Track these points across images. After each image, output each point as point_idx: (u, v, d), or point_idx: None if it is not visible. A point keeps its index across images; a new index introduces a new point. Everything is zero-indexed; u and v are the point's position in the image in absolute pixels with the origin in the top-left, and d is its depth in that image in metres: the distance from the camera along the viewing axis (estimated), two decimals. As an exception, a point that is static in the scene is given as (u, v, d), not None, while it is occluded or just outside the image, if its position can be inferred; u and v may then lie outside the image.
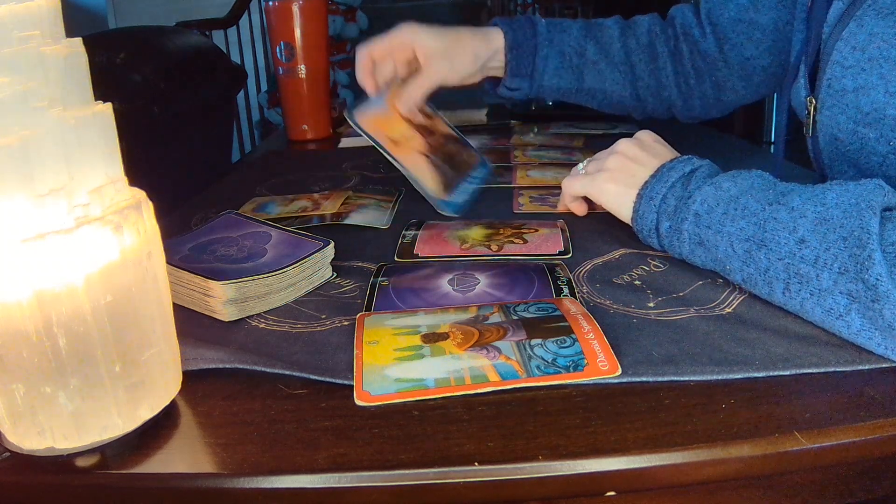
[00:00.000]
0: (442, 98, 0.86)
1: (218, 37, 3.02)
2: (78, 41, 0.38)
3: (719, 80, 0.84)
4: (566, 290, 0.54)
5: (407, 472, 0.37)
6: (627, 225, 0.62)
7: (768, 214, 0.49)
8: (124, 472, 0.38)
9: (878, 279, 0.42)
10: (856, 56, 0.57)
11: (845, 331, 0.45)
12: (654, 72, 0.85)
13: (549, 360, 0.44)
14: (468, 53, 0.80)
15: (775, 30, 0.78)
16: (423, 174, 0.76)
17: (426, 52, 0.79)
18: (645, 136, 0.65)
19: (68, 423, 0.37)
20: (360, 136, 0.76)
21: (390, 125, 0.79)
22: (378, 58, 0.82)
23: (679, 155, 0.62)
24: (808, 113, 0.64)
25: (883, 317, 0.42)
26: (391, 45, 0.80)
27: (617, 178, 0.62)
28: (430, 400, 0.42)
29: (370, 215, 0.74)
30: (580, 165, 0.70)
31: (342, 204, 0.77)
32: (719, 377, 0.42)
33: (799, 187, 0.51)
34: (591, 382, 0.43)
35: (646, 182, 0.60)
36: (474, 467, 0.36)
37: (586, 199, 0.71)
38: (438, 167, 0.78)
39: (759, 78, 0.83)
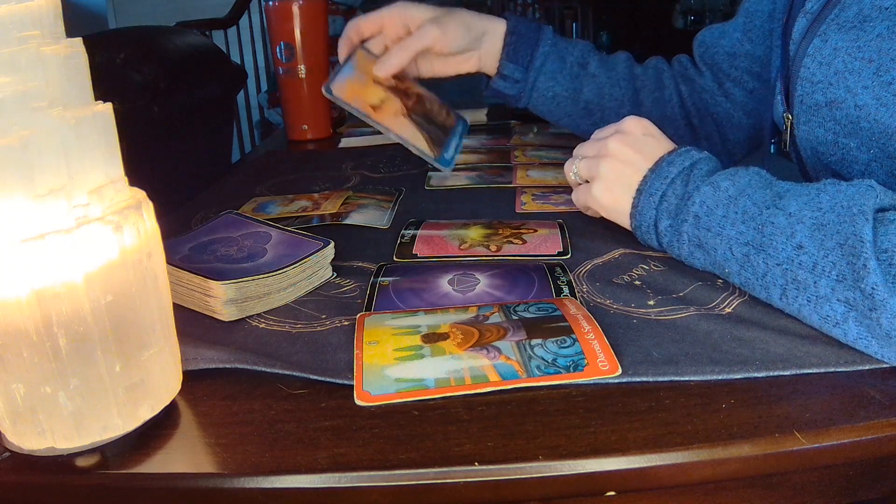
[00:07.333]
0: (442, 97, 0.86)
1: (218, 37, 3.02)
2: (78, 41, 0.38)
3: (720, 117, 0.83)
4: (566, 290, 0.54)
5: (407, 472, 0.37)
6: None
7: (766, 218, 0.49)
8: (124, 472, 0.38)
9: (874, 288, 0.42)
10: (823, 71, 0.56)
11: (842, 338, 0.45)
12: (659, 101, 0.84)
13: (550, 360, 0.44)
14: (460, 23, 0.79)
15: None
16: (412, 135, 0.76)
17: (417, 20, 0.78)
18: (634, 126, 0.61)
19: (68, 423, 0.37)
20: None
21: (366, 91, 0.77)
22: (367, 32, 0.80)
23: (674, 146, 0.60)
24: (786, 128, 0.64)
25: (880, 325, 0.42)
26: (381, 18, 0.79)
27: (612, 187, 0.60)
28: (430, 400, 0.42)
29: (370, 215, 0.74)
30: (574, 169, 0.65)
31: (342, 204, 0.77)
32: (719, 377, 0.42)
33: (795, 187, 0.50)
34: (591, 382, 0.43)
35: (645, 177, 0.58)
36: (474, 467, 0.36)
37: None
38: (423, 127, 0.79)
39: (766, 109, 0.79)
